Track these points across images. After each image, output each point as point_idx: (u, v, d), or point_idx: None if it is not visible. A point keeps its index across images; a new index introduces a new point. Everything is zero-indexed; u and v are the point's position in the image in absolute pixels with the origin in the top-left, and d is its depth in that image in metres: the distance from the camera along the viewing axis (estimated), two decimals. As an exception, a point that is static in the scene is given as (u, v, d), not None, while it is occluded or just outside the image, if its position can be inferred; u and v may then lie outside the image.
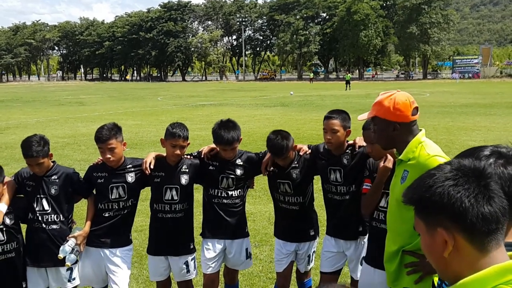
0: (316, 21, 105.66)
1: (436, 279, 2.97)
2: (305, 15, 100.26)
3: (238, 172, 4.57)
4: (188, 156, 4.64)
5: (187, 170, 4.52)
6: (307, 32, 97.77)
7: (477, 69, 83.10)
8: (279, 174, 4.54)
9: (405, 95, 3.10)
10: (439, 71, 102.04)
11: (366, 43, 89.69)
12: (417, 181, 1.58)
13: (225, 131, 4.43)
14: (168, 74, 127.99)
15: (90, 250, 4.44)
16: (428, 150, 3.04)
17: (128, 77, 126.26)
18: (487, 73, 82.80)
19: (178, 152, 4.38)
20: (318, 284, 4.68)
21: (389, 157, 3.75)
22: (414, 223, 1.62)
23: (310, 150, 4.58)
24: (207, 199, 4.67)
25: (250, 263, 4.92)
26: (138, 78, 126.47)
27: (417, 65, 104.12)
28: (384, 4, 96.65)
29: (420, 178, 1.57)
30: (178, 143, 4.35)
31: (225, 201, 4.58)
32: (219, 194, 4.58)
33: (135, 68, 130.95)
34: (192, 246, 4.62)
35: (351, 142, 4.36)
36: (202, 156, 4.64)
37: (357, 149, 4.30)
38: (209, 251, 4.60)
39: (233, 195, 4.59)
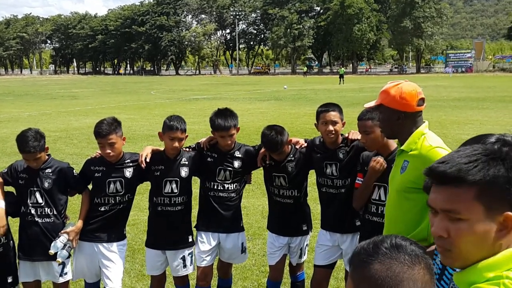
0: (310, 15, 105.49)
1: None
2: (299, 9, 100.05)
3: (236, 164, 4.55)
4: (187, 149, 4.62)
5: (186, 163, 4.50)
6: (301, 26, 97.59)
7: (470, 63, 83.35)
8: (275, 167, 4.53)
9: (412, 85, 3.11)
10: (432, 65, 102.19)
11: (360, 37, 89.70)
12: (469, 157, 1.48)
13: (222, 117, 4.43)
14: (162, 68, 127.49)
15: (84, 245, 4.41)
16: (430, 141, 3.05)
17: (121, 71, 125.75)
18: (480, 67, 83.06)
19: (176, 144, 4.35)
20: (311, 277, 4.68)
21: (379, 158, 3.76)
22: (460, 208, 1.47)
23: (306, 144, 4.57)
24: (203, 191, 4.66)
25: (246, 257, 4.91)
26: (131, 72, 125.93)
27: (410, 59, 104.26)
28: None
29: (473, 155, 1.48)
30: (176, 135, 4.33)
31: (221, 194, 4.56)
32: (215, 187, 4.56)
33: (128, 62, 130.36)
34: (190, 240, 4.61)
35: (345, 135, 4.36)
36: (202, 146, 4.62)
37: (349, 143, 4.29)
38: (204, 244, 4.58)
39: (229, 189, 4.57)
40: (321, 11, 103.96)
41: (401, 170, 3.12)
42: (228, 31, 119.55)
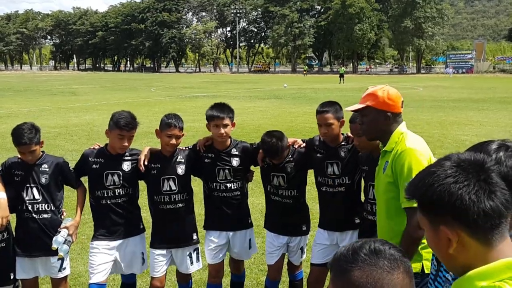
0: (310, 13, 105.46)
1: (428, 265, 2.99)
2: (300, 7, 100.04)
3: (234, 162, 4.55)
4: (184, 148, 4.62)
5: (182, 160, 4.51)
6: (302, 25, 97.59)
7: (471, 64, 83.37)
8: (273, 167, 4.53)
9: (394, 89, 3.25)
10: (432, 66, 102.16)
11: (361, 37, 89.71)
12: (418, 178, 1.57)
13: (217, 107, 4.49)
14: (162, 65, 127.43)
15: (98, 245, 4.42)
16: (407, 141, 3.14)
17: (122, 67, 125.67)
18: (480, 68, 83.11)
19: (173, 142, 4.36)
20: (308, 276, 4.67)
21: None
22: (418, 218, 1.61)
23: (304, 144, 4.57)
24: (207, 192, 4.66)
25: (253, 252, 4.91)
26: (131, 68, 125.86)
27: (411, 59, 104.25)
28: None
29: (421, 176, 1.56)
30: (173, 133, 4.34)
31: (224, 194, 4.56)
32: (218, 188, 4.56)
33: (128, 59, 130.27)
34: (195, 237, 4.61)
35: (347, 134, 4.36)
36: (198, 148, 4.61)
37: (350, 142, 4.30)
38: (212, 242, 4.61)
39: (232, 188, 4.57)
40: (322, 10, 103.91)
41: (382, 170, 3.25)
42: (228, 29, 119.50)
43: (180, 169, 4.48)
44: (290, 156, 4.50)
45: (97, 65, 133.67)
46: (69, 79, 67.40)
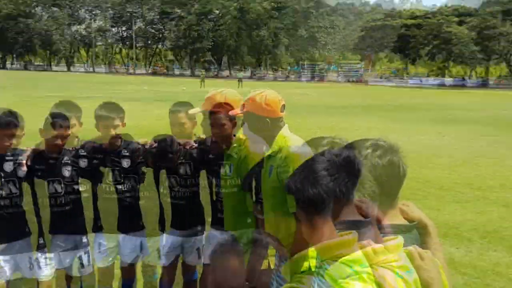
0: (209, 17, 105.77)
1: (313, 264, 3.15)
2: (198, 11, 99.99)
3: (125, 163, 4.48)
4: (71, 148, 4.46)
5: (69, 162, 4.36)
6: (201, 28, 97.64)
7: (360, 74, 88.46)
8: (167, 169, 4.52)
9: (275, 93, 3.35)
10: (325, 74, 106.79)
11: (258, 43, 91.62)
12: (295, 175, 1.67)
13: (107, 107, 4.46)
14: (52, 63, 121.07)
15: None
16: (290, 146, 3.23)
17: (8, 65, 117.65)
18: (369, 78, 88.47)
19: (59, 142, 4.20)
20: (201, 277, 4.71)
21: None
22: (297, 213, 1.71)
23: (196, 145, 4.59)
24: (96, 193, 4.54)
25: (146, 254, 4.84)
26: (18, 66, 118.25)
27: (306, 66, 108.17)
28: (276, 6, 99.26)
29: (297, 172, 1.67)
30: (59, 132, 4.18)
31: (114, 196, 4.47)
32: (108, 189, 4.47)
33: (15, 56, 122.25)
34: (85, 240, 4.51)
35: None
36: (87, 148, 4.48)
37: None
38: (102, 245, 4.53)
39: (123, 189, 4.49)
40: (221, 14, 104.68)
41: (269, 174, 3.30)
42: (124, 28, 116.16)
43: (67, 171, 4.33)
44: (182, 158, 4.50)
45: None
46: None
